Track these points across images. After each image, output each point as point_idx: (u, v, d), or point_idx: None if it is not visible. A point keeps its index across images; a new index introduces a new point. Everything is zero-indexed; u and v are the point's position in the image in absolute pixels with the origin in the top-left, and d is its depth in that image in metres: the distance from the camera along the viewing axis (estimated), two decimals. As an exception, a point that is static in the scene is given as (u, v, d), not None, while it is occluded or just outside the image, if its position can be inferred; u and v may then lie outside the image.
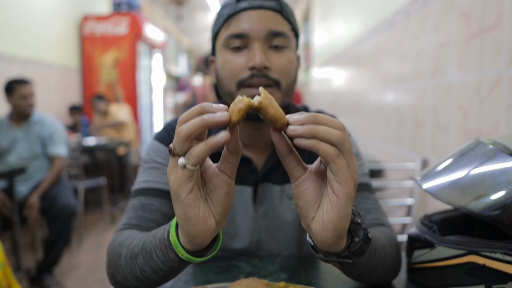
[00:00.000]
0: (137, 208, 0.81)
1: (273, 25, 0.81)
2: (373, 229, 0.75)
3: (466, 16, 1.51)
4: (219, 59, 0.85)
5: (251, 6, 0.81)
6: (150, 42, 6.21)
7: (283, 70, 0.82)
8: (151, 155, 0.88)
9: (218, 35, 0.85)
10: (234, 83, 0.81)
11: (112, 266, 0.70)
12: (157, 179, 0.84)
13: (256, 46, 0.80)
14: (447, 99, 1.66)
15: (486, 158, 0.69)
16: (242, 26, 0.80)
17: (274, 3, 0.82)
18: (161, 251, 0.58)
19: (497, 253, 0.64)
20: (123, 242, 0.70)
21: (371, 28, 2.82)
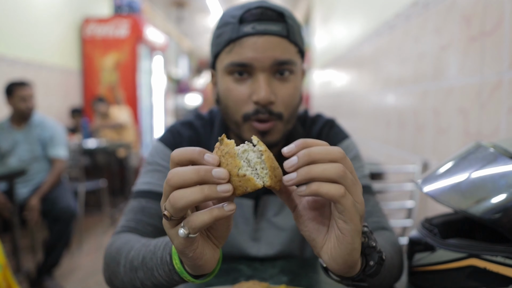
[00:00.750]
0: (136, 211, 0.81)
1: (278, 53, 0.74)
2: (377, 236, 0.74)
3: (467, 19, 1.51)
4: (221, 84, 0.80)
5: (256, 32, 0.73)
6: (151, 44, 6.21)
7: (288, 101, 0.78)
8: (155, 157, 0.87)
9: (218, 56, 0.79)
10: (240, 115, 0.78)
11: (110, 271, 0.70)
12: (159, 181, 0.84)
13: (261, 78, 0.75)
14: (448, 102, 1.66)
15: (487, 162, 0.69)
16: (245, 55, 0.74)
17: (281, 27, 0.75)
18: (164, 271, 0.58)
19: (498, 257, 0.64)
20: (121, 249, 0.69)
21: (372, 31, 2.82)
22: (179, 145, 0.87)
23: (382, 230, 0.83)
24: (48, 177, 2.77)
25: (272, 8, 0.75)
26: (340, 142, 0.91)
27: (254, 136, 0.49)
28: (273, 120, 0.77)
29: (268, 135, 0.78)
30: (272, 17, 0.74)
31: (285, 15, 0.76)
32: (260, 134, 0.78)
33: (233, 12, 0.77)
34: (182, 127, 0.90)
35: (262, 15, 0.74)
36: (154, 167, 0.86)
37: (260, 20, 0.73)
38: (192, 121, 0.91)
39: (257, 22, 0.73)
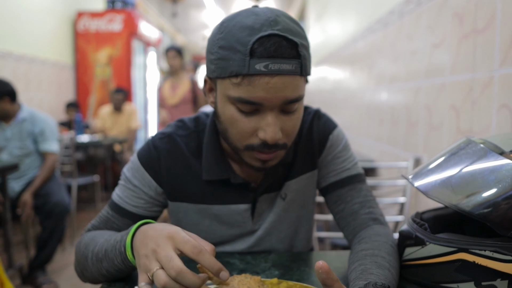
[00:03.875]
0: (102, 220, 0.87)
1: (290, 93, 0.70)
2: (380, 246, 0.75)
3: (459, 17, 1.52)
4: (224, 108, 0.75)
5: (269, 72, 0.67)
6: (145, 39, 6.18)
7: (292, 132, 0.77)
8: (129, 174, 0.86)
9: (221, 79, 0.73)
10: (243, 144, 0.76)
11: (81, 265, 0.79)
12: (127, 199, 0.85)
13: (269, 118, 0.71)
14: (440, 99, 1.67)
15: (477, 157, 0.70)
16: (256, 94, 0.69)
17: (295, 65, 0.69)
18: (122, 260, 0.69)
19: (487, 251, 0.65)
20: (88, 245, 0.78)
21: (365, 28, 2.83)
22: (156, 161, 0.86)
23: (375, 225, 0.85)
24: (40, 172, 2.75)
25: (286, 37, 0.68)
26: (331, 132, 0.92)
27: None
28: (277, 150, 0.77)
29: (270, 161, 0.78)
30: (286, 52, 0.68)
31: (298, 45, 0.69)
32: (261, 161, 0.77)
33: (240, 35, 0.68)
34: (161, 140, 0.87)
35: (276, 52, 0.67)
36: (125, 184, 0.87)
37: (273, 58, 0.67)
38: (173, 133, 0.88)
39: (270, 60, 0.67)
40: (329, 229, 1.97)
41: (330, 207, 0.92)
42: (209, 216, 0.88)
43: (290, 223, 0.92)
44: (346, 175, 0.90)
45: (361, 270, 0.68)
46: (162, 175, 0.86)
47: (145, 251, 0.60)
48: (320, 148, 0.92)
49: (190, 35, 12.08)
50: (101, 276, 0.75)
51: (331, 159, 0.92)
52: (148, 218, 0.87)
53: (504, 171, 0.65)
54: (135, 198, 0.85)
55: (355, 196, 0.88)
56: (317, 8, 5.34)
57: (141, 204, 0.85)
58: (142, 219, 0.84)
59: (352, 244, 0.84)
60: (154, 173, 0.86)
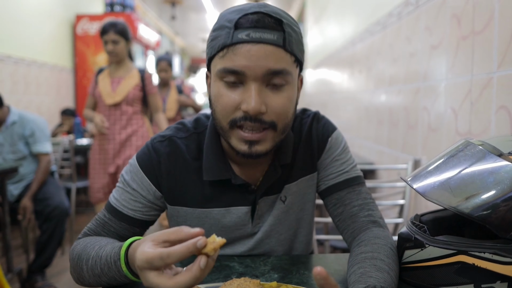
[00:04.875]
0: (99, 224, 0.86)
1: (273, 63, 0.71)
2: (379, 249, 0.75)
3: (457, 19, 1.53)
4: (213, 88, 0.78)
5: (250, 40, 0.70)
6: (144, 42, 6.19)
7: (281, 111, 0.75)
8: (128, 177, 0.86)
9: (212, 59, 0.77)
10: (227, 121, 0.76)
11: (76, 274, 0.79)
12: (124, 203, 0.85)
13: (252, 88, 0.72)
14: (438, 101, 1.67)
15: (476, 159, 0.70)
16: (238, 62, 0.71)
17: (277, 36, 0.71)
18: (124, 277, 0.69)
19: (486, 253, 0.65)
20: (81, 255, 0.78)
21: (364, 30, 2.83)
22: (155, 165, 0.85)
23: (374, 227, 0.84)
24: (36, 175, 2.72)
25: (270, 14, 0.71)
26: (330, 134, 0.92)
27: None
28: (265, 130, 0.75)
29: (257, 145, 0.76)
30: (269, 25, 0.71)
31: (283, 22, 0.72)
32: (248, 143, 0.76)
33: (229, 15, 0.74)
34: (161, 143, 0.87)
35: (258, 22, 0.70)
36: (123, 187, 0.86)
37: (256, 28, 0.70)
38: (173, 136, 0.88)
39: (252, 30, 0.70)
40: (328, 232, 1.97)
41: (329, 210, 0.92)
42: (209, 220, 0.88)
43: (289, 225, 0.92)
44: (345, 178, 0.90)
45: (360, 273, 0.68)
46: (162, 178, 0.85)
47: (142, 279, 0.60)
48: (319, 150, 0.92)
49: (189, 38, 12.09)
50: (93, 283, 0.76)
51: (330, 162, 0.91)
52: (145, 222, 0.87)
53: (503, 173, 0.65)
54: (133, 201, 0.85)
55: (354, 198, 0.88)
56: (315, 10, 5.35)
57: (139, 208, 0.85)
58: (139, 223, 0.85)
59: (351, 247, 0.84)
60: (153, 177, 0.85)
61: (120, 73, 2.82)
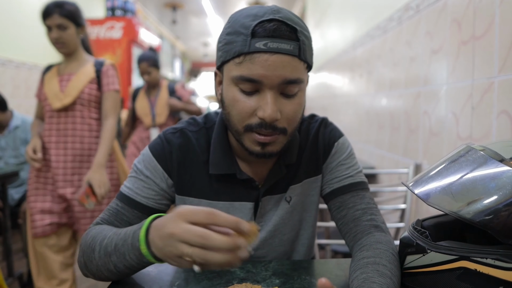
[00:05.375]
0: (112, 213, 0.86)
1: (289, 72, 0.74)
2: (381, 254, 0.76)
3: (457, 23, 1.53)
4: (227, 91, 0.79)
5: (268, 50, 0.72)
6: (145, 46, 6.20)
7: (292, 117, 0.79)
8: (141, 166, 0.88)
9: (226, 63, 0.78)
10: (242, 125, 0.78)
11: (85, 257, 0.78)
12: (138, 191, 0.86)
13: (268, 96, 0.75)
14: (439, 105, 1.67)
15: (477, 164, 0.70)
16: (255, 71, 0.73)
17: (293, 46, 0.73)
18: (134, 255, 0.68)
19: (488, 259, 0.65)
20: (95, 238, 0.77)
21: (365, 34, 2.84)
22: (167, 155, 0.88)
23: (376, 232, 0.85)
24: None
25: (286, 22, 0.73)
26: (337, 140, 0.95)
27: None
28: (276, 134, 0.78)
29: (269, 146, 0.79)
30: (285, 34, 0.73)
31: (298, 30, 0.74)
32: (261, 145, 0.79)
33: (244, 20, 0.75)
34: (173, 134, 0.90)
35: (275, 32, 0.72)
36: (136, 175, 0.88)
37: (273, 37, 0.72)
38: (184, 128, 0.91)
39: (270, 39, 0.72)
40: (330, 236, 1.97)
41: (333, 213, 0.93)
42: None
43: (293, 226, 0.94)
44: (350, 182, 0.92)
45: (363, 278, 0.68)
46: (173, 168, 0.88)
47: (164, 241, 0.61)
48: (325, 154, 0.94)
49: (190, 42, 12.12)
50: (107, 271, 0.74)
51: (335, 166, 0.93)
52: (156, 211, 0.87)
53: (505, 178, 0.65)
54: (146, 189, 0.86)
55: (358, 202, 0.89)
56: (316, 14, 5.36)
57: (152, 196, 0.87)
58: (152, 212, 0.85)
59: (353, 251, 0.84)
60: (165, 165, 0.88)
61: (71, 69, 2.10)
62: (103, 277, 0.76)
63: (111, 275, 0.75)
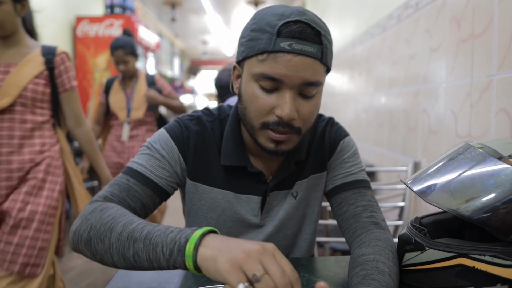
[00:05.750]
0: (122, 188, 0.81)
1: (310, 75, 0.75)
2: (381, 251, 0.76)
3: (457, 21, 1.53)
4: (247, 86, 0.80)
5: (292, 50, 0.73)
6: (144, 44, 6.20)
7: (308, 118, 0.80)
8: (156, 144, 0.87)
9: (248, 58, 0.79)
10: (259, 122, 0.79)
11: (94, 233, 0.70)
12: (152, 168, 0.85)
13: (287, 95, 0.76)
14: (438, 103, 1.68)
15: (476, 162, 0.70)
16: (277, 70, 0.74)
17: (316, 49, 0.74)
18: (169, 250, 0.62)
19: (486, 256, 0.65)
20: (117, 217, 0.70)
21: (364, 32, 2.84)
22: (185, 139, 0.88)
23: (376, 229, 0.85)
24: None
25: (311, 25, 0.74)
26: (342, 139, 0.97)
27: (242, 284, 0.52)
28: (291, 133, 0.79)
29: (283, 144, 0.80)
30: (310, 37, 0.74)
31: (322, 34, 0.75)
32: (275, 143, 0.80)
33: (270, 19, 0.76)
34: (190, 121, 0.91)
35: (301, 34, 0.73)
36: (151, 153, 0.86)
37: (298, 39, 0.73)
38: (201, 116, 0.92)
39: (294, 40, 0.73)
40: (328, 234, 1.97)
41: (334, 209, 0.95)
42: (222, 203, 0.90)
43: (297, 221, 0.95)
44: (352, 179, 0.93)
45: (362, 275, 0.68)
46: (189, 153, 0.88)
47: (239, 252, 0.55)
48: (330, 151, 0.96)
49: (189, 40, 12.10)
50: (121, 255, 0.67)
51: (339, 163, 0.95)
52: (166, 193, 0.87)
53: (503, 176, 0.66)
54: (160, 168, 0.85)
55: (359, 199, 0.91)
56: (315, 12, 5.35)
57: (165, 176, 0.86)
58: (162, 193, 0.85)
59: (352, 248, 0.85)
60: (182, 149, 0.88)
61: (9, 57, 1.59)
62: (108, 260, 0.69)
63: (121, 261, 0.68)
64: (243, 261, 0.54)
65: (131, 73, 2.73)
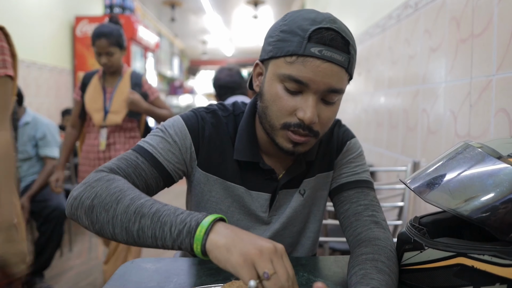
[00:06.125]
0: (130, 164, 0.81)
1: (335, 82, 0.77)
2: (380, 251, 0.77)
3: (456, 21, 1.53)
4: (270, 86, 0.81)
5: (322, 57, 0.74)
6: (144, 44, 6.20)
7: (326, 123, 0.82)
8: (170, 128, 0.87)
9: (275, 58, 0.80)
10: (280, 122, 0.80)
11: (98, 201, 0.69)
12: (162, 151, 0.85)
13: (311, 100, 0.77)
14: (438, 103, 1.68)
15: (475, 162, 0.70)
16: (305, 74, 0.75)
17: (344, 58, 0.76)
18: (178, 231, 0.62)
19: (485, 255, 0.65)
20: (125, 189, 0.70)
21: (364, 32, 2.84)
22: (200, 129, 0.89)
23: (376, 228, 0.85)
24: (39, 177, 2.74)
25: (341, 34, 0.76)
26: (349, 140, 0.99)
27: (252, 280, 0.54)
28: (309, 136, 0.80)
29: (300, 146, 0.82)
30: (339, 46, 0.75)
31: (350, 44, 0.77)
32: (293, 144, 0.81)
33: (302, 23, 0.77)
34: (206, 113, 0.92)
35: (332, 41, 0.74)
36: (164, 136, 0.86)
37: (328, 46, 0.74)
38: (216, 110, 0.93)
39: (325, 47, 0.74)
40: (328, 234, 1.97)
41: (336, 207, 0.96)
42: (232, 196, 0.91)
43: (302, 218, 0.96)
44: (356, 179, 0.95)
45: (362, 274, 0.69)
46: (203, 144, 0.89)
47: (252, 247, 0.56)
48: (337, 151, 0.98)
49: (189, 40, 12.10)
50: (123, 228, 0.67)
51: (344, 163, 0.97)
52: (171, 178, 0.87)
53: (502, 175, 0.66)
54: (171, 153, 0.85)
55: (361, 198, 0.92)
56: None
57: (173, 161, 0.86)
58: (168, 178, 0.85)
59: (352, 247, 0.85)
60: (196, 139, 0.88)
61: None
62: (107, 231, 0.68)
63: (122, 234, 0.67)
64: (256, 257, 0.55)
65: (115, 69, 2.26)
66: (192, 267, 0.85)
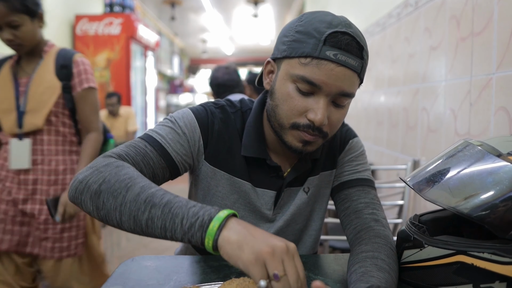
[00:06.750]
0: (138, 152, 0.80)
1: (347, 86, 0.78)
2: (380, 248, 0.77)
3: (456, 20, 1.53)
4: (282, 85, 0.81)
5: (336, 60, 0.75)
6: (144, 43, 6.19)
7: (335, 125, 0.83)
8: (179, 121, 0.87)
9: (288, 58, 0.80)
10: (289, 122, 0.81)
11: (105, 187, 0.68)
12: (171, 142, 0.84)
13: (322, 102, 0.78)
14: (438, 102, 1.68)
15: (475, 160, 0.70)
16: (319, 76, 0.76)
17: (358, 63, 0.77)
18: (190, 224, 0.61)
19: (485, 253, 0.65)
20: (135, 177, 0.69)
21: (364, 31, 2.84)
22: (210, 124, 0.89)
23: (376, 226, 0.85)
24: None
25: (356, 39, 0.77)
26: (352, 138, 1.00)
27: (263, 280, 0.54)
28: (319, 136, 0.81)
29: (309, 145, 0.82)
30: (354, 51, 0.76)
31: (364, 49, 0.78)
32: (303, 142, 0.81)
33: (318, 25, 0.77)
34: (216, 109, 0.92)
35: (347, 46, 0.75)
36: (173, 127, 0.86)
37: (344, 50, 0.75)
38: (225, 106, 0.93)
39: (340, 51, 0.75)
40: (328, 232, 1.97)
41: (337, 205, 0.96)
42: (238, 192, 0.91)
43: (305, 216, 0.97)
44: (357, 177, 0.96)
45: (361, 272, 0.69)
46: (212, 137, 0.89)
47: (264, 246, 0.56)
48: (340, 149, 0.99)
49: (188, 38, 12.09)
50: (131, 216, 0.65)
51: (346, 161, 0.98)
52: (177, 170, 0.86)
53: (502, 173, 0.66)
54: (179, 144, 0.85)
55: (362, 196, 0.92)
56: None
57: (181, 153, 0.85)
58: (174, 169, 0.84)
59: (352, 245, 0.85)
60: (205, 132, 0.88)
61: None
62: (113, 218, 0.67)
63: (130, 222, 0.66)
64: (268, 256, 0.55)
65: (27, 48, 1.54)
66: (192, 265, 0.85)
